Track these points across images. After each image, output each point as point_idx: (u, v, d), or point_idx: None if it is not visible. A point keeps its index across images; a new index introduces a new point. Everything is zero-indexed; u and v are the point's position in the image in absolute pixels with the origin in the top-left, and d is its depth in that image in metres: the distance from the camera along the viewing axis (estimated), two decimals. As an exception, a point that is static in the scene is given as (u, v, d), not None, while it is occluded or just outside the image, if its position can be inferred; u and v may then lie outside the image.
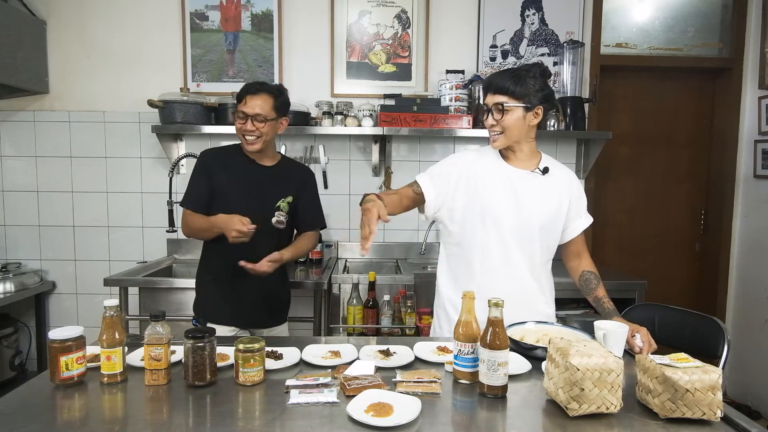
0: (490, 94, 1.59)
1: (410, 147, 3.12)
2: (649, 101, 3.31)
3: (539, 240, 1.65)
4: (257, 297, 2.00)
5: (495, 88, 1.58)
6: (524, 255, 1.64)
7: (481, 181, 1.63)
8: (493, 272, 1.63)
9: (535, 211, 1.63)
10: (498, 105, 1.56)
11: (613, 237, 3.36)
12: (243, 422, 1.07)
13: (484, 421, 1.10)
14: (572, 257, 1.77)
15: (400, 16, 3.04)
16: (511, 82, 1.55)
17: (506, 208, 1.62)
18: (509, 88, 1.55)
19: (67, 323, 2.15)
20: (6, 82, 2.67)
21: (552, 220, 1.65)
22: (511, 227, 1.62)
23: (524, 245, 1.64)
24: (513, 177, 1.63)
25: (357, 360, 1.36)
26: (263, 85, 1.97)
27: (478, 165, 1.66)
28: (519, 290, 1.62)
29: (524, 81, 1.55)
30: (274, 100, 1.94)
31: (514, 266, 1.64)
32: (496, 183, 1.63)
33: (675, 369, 1.07)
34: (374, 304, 2.48)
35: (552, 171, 1.67)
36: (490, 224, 1.62)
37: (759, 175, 3.09)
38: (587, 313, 2.60)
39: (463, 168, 1.66)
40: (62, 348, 1.20)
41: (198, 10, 3.00)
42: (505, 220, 1.61)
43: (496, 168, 1.65)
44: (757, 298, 3.09)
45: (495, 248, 1.63)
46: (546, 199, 1.64)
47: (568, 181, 1.70)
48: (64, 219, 3.09)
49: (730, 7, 3.20)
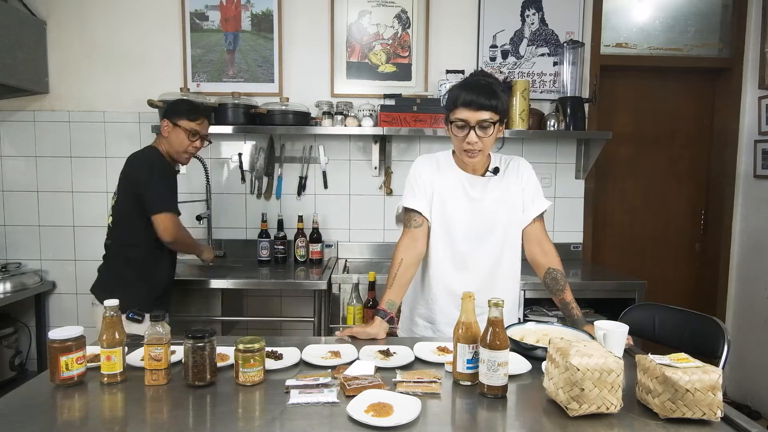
0: (471, 111, 1.51)
1: (410, 147, 3.12)
2: (649, 101, 3.31)
3: (505, 241, 1.68)
4: None
5: (478, 105, 1.51)
6: (482, 259, 1.67)
7: (442, 191, 1.68)
8: (441, 276, 1.69)
9: (496, 213, 1.66)
10: (483, 122, 1.53)
11: (613, 237, 3.36)
12: (243, 422, 1.07)
13: (484, 421, 1.10)
14: (533, 245, 1.70)
15: (400, 16, 3.04)
16: (491, 97, 1.51)
17: (461, 215, 1.66)
18: (493, 105, 1.52)
19: (67, 323, 2.15)
20: (6, 82, 2.67)
21: (515, 215, 1.69)
22: (465, 234, 1.66)
23: (482, 249, 1.67)
24: (467, 184, 1.67)
25: (357, 360, 1.36)
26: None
27: (437, 175, 1.69)
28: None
29: (500, 96, 1.55)
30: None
31: (470, 271, 1.67)
32: (453, 193, 1.67)
33: (675, 369, 1.07)
34: (374, 304, 2.47)
35: (502, 169, 1.69)
36: (445, 230, 1.67)
37: (759, 175, 3.09)
38: (587, 314, 2.59)
39: (427, 179, 1.69)
40: (62, 348, 1.19)
41: (198, 10, 3.00)
42: (459, 225, 1.66)
43: (453, 176, 1.69)
44: (757, 298, 3.08)
45: (447, 253, 1.68)
46: (505, 199, 1.67)
47: (516, 171, 1.71)
48: (64, 219, 3.09)
49: (730, 7, 3.20)
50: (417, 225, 1.67)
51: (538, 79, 3.10)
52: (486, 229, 1.67)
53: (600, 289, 2.60)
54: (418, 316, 1.76)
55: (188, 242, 2.23)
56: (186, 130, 2.10)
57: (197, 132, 2.05)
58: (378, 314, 1.60)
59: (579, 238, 3.19)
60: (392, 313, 1.62)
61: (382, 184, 3.11)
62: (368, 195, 3.12)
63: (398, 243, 1.67)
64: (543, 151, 3.13)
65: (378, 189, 3.12)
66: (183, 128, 2.11)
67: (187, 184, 3.04)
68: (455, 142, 1.61)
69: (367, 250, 3.13)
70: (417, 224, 1.67)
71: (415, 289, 1.77)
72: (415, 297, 1.77)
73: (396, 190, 3.10)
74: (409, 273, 1.65)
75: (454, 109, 1.56)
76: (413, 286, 1.76)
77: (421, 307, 1.75)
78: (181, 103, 2.19)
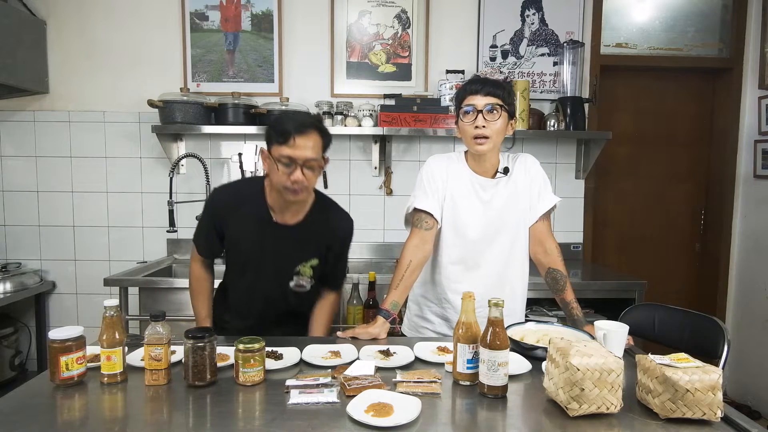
0: (480, 96, 1.55)
1: (410, 147, 3.12)
2: (649, 101, 3.31)
3: (515, 241, 1.68)
4: None
5: (486, 91, 1.55)
6: (493, 260, 1.67)
7: (454, 192, 1.67)
8: (453, 276, 1.69)
9: (507, 214, 1.66)
10: (493, 105, 1.55)
11: (613, 237, 3.36)
12: (243, 422, 1.07)
13: (484, 421, 1.10)
14: (535, 244, 1.71)
15: (400, 16, 3.04)
16: (498, 88, 1.56)
17: (473, 217, 1.66)
18: (500, 94, 1.55)
19: (67, 323, 2.16)
20: (6, 82, 2.67)
21: (524, 214, 1.69)
22: (476, 235, 1.66)
23: (493, 250, 1.67)
24: (478, 187, 1.67)
25: (357, 360, 1.36)
26: (313, 120, 1.54)
27: (450, 176, 1.68)
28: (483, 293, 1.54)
29: (509, 90, 1.58)
30: (323, 139, 1.54)
31: (481, 271, 1.67)
32: (465, 195, 1.67)
33: (675, 369, 1.07)
34: (374, 304, 2.47)
35: (511, 168, 1.69)
36: (457, 232, 1.67)
37: (759, 175, 3.09)
38: (587, 314, 2.59)
39: (440, 180, 1.68)
40: (62, 348, 1.19)
41: (198, 10, 3.00)
42: (471, 228, 1.66)
43: (465, 178, 1.68)
44: (757, 298, 3.08)
45: (458, 254, 1.68)
46: (515, 199, 1.67)
47: (523, 167, 1.71)
48: (64, 219, 3.09)
49: (730, 7, 3.20)
50: (428, 227, 1.65)
51: (538, 79, 3.11)
52: (497, 231, 1.66)
53: (600, 289, 2.59)
54: (432, 313, 1.75)
55: (189, 290, 1.79)
56: (273, 157, 1.52)
57: (290, 158, 1.47)
58: (380, 314, 1.60)
59: (579, 238, 3.19)
60: (395, 314, 1.62)
61: (382, 184, 3.11)
62: (368, 195, 3.12)
63: (407, 243, 1.66)
64: (543, 151, 3.13)
65: (378, 189, 3.12)
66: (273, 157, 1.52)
67: (187, 184, 3.04)
68: (465, 133, 1.60)
69: (367, 250, 3.12)
70: (428, 226, 1.65)
71: (424, 288, 1.76)
72: (425, 296, 1.76)
73: (396, 190, 3.10)
74: (416, 275, 1.65)
75: (463, 100, 1.59)
76: (422, 285, 1.76)
77: (433, 305, 1.74)
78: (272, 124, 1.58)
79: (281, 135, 1.47)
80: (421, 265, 1.66)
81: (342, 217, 1.71)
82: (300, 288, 1.67)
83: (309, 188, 1.55)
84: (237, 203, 1.64)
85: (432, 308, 1.75)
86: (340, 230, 1.71)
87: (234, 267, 1.72)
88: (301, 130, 1.47)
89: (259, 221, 1.62)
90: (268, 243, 1.63)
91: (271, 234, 1.63)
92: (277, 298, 1.69)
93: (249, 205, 1.63)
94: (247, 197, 1.64)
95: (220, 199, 1.68)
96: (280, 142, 1.47)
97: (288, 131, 1.46)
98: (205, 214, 1.71)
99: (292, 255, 1.65)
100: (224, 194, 1.69)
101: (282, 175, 1.48)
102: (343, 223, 1.71)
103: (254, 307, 1.72)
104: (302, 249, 1.66)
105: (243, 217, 1.63)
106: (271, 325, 1.66)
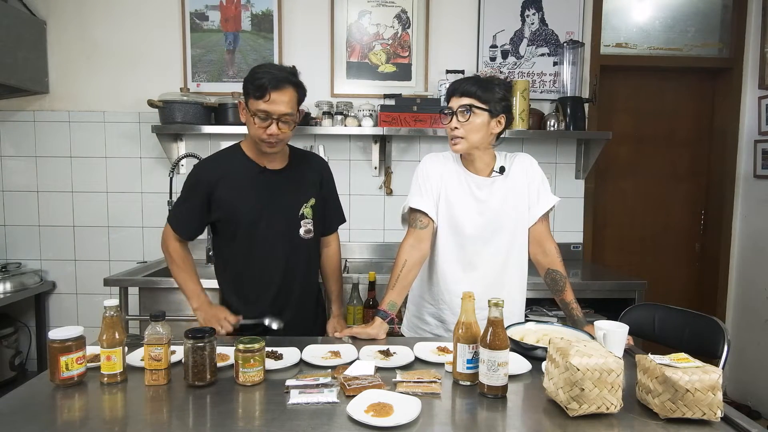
0: (455, 98, 1.59)
1: (410, 147, 3.12)
2: (649, 101, 3.31)
3: (512, 241, 1.68)
4: None
5: (461, 91, 1.57)
6: (490, 260, 1.67)
7: (449, 192, 1.67)
8: (450, 277, 1.68)
9: (504, 214, 1.66)
10: (464, 107, 1.56)
11: (613, 237, 3.36)
12: (243, 422, 1.07)
13: (484, 421, 1.10)
14: (534, 245, 1.71)
15: (400, 16, 3.04)
16: (477, 86, 1.56)
17: (468, 217, 1.65)
18: (475, 92, 1.56)
19: (67, 323, 2.16)
20: (6, 82, 2.67)
21: (522, 215, 1.68)
22: (473, 235, 1.65)
23: (489, 250, 1.66)
24: (473, 185, 1.66)
25: (357, 360, 1.36)
26: (287, 74, 1.56)
27: (445, 175, 1.68)
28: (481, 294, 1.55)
29: (490, 87, 1.57)
30: (297, 93, 1.58)
31: (478, 271, 1.67)
32: (460, 194, 1.67)
33: (675, 369, 1.07)
34: (374, 304, 2.47)
35: (508, 167, 1.68)
36: (453, 231, 1.67)
37: (759, 175, 3.09)
38: (587, 314, 2.59)
39: (435, 179, 1.68)
40: (62, 348, 1.20)
41: (198, 10, 3.00)
42: (467, 227, 1.65)
43: (460, 176, 1.68)
44: (757, 298, 3.08)
45: (454, 254, 1.68)
46: (512, 198, 1.67)
47: (521, 167, 1.70)
48: (64, 219, 3.09)
49: (730, 7, 3.20)
50: (423, 226, 1.66)
51: (538, 79, 3.10)
52: (493, 230, 1.66)
53: (600, 289, 2.59)
54: (428, 315, 1.75)
55: (177, 280, 1.77)
56: (250, 111, 1.56)
57: (266, 112, 1.52)
58: (378, 315, 1.60)
59: (579, 238, 3.19)
60: (393, 314, 1.62)
61: (382, 184, 3.11)
62: (368, 195, 3.12)
63: (402, 243, 1.67)
64: (543, 151, 3.13)
65: (378, 189, 3.12)
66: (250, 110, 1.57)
67: (187, 184, 3.04)
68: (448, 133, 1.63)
69: (367, 250, 3.12)
70: (423, 225, 1.66)
71: (422, 288, 1.76)
72: (422, 296, 1.77)
73: (396, 190, 3.10)
74: (412, 274, 1.65)
75: (448, 102, 1.61)
76: (420, 285, 1.76)
77: (430, 306, 1.74)
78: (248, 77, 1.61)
79: (257, 90, 1.51)
80: (418, 265, 1.66)
81: (319, 158, 1.85)
82: (309, 234, 1.72)
83: (284, 141, 1.62)
84: (222, 168, 1.67)
85: (429, 309, 1.75)
86: (322, 167, 1.81)
87: (237, 240, 1.66)
88: (276, 86, 1.51)
89: (250, 175, 1.67)
90: (264, 193, 1.67)
91: (265, 181, 1.67)
92: (290, 255, 1.69)
93: (234, 165, 1.68)
94: (230, 160, 1.69)
95: (205, 168, 1.69)
96: (257, 96, 1.52)
97: (264, 86, 1.50)
98: (189, 191, 1.69)
99: (292, 198, 1.70)
100: (207, 164, 1.71)
101: (258, 129, 1.55)
102: (322, 161, 1.84)
103: (274, 274, 1.68)
104: (298, 189, 1.71)
105: (233, 179, 1.66)
106: (289, 295, 1.71)
